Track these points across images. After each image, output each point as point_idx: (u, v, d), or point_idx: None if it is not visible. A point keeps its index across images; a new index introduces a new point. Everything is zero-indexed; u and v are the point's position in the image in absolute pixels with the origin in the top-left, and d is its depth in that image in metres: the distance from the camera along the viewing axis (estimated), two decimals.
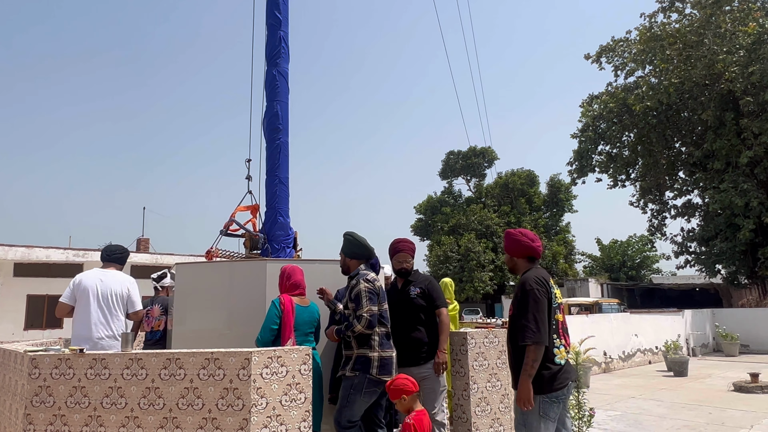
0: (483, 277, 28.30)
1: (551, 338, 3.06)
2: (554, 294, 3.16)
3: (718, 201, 17.41)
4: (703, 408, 7.43)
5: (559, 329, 3.12)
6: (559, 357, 3.07)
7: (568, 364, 3.13)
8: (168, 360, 3.29)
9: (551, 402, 3.02)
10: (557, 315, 3.14)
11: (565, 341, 3.13)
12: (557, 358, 3.06)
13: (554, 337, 3.08)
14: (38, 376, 3.43)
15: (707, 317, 16.13)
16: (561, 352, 3.08)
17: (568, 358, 3.13)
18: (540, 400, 3.02)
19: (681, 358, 10.96)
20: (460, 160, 35.44)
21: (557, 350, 3.07)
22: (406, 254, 4.17)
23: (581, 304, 19.88)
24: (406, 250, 4.19)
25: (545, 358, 3.03)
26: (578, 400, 5.28)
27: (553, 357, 3.06)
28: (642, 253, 36.49)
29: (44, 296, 19.15)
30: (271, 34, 5.69)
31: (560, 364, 3.05)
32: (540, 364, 3.00)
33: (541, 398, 3.02)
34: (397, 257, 4.17)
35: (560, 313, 3.16)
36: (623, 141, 21.75)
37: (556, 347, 3.07)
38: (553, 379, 3.02)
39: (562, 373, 3.05)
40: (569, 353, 3.17)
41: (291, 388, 3.32)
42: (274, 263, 4.51)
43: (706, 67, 17.37)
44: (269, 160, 5.48)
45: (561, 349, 3.08)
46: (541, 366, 3.02)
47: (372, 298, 3.62)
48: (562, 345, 3.10)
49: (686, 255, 21.20)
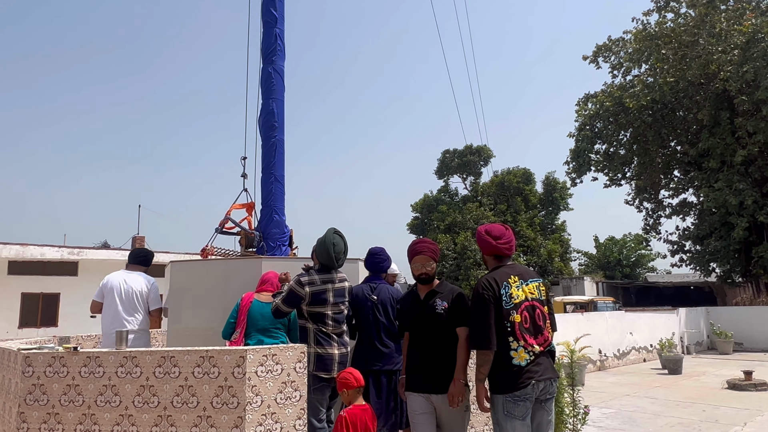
0: (479, 276, 28.35)
1: (506, 341, 3.00)
2: (509, 295, 3.07)
3: (712, 199, 17.49)
4: (697, 405, 7.47)
5: (516, 331, 3.02)
6: (517, 359, 2.99)
7: (534, 363, 3.02)
8: (163, 358, 3.28)
9: (514, 401, 2.98)
10: (513, 316, 3.03)
11: (525, 342, 3.02)
12: (515, 360, 2.99)
13: (510, 340, 3.00)
14: (32, 375, 3.41)
15: (702, 315, 16.21)
16: (520, 353, 2.99)
17: (532, 359, 3.01)
18: (503, 400, 3.02)
19: (675, 356, 11.02)
20: (455, 158, 35.46)
21: (514, 352, 3.00)
22: (426, 257, 3.43)
23: (577, 303, 19.94)
24: (427, 251, 3.46)
25: (501, 361, 3.01)
26: (573, 398, 5.31)
27: (510, 359, 2.99)
28: (637, 251, 36.65)
29: (39, 294, 19.05)
30: (267, 31, 5.68)
31: (519, 365, 2.98)
32: (497, 364, 3.01)
33: (504, 398, 3.02)
34: (416, 261, 3.46)
35: (518, 314, 3.05)
36: (619, 140, 21.82)
37: (513, 349, 3.00)
38: (511, 381, 2.98)
39: (524, 373, 2.97)
40: (533, 353, 3.02)
41: (286, 386, 3.32)
42: (269, 261, 4.51)
43: (701, 66, 17.43)
44: (265, 157, 5.47)
45: (519, 351, 3.00)
46: (498, 366, 3.02)
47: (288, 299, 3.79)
48: (521, 346, 3.00)
49: (681, 253, 21.30)
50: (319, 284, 3.82)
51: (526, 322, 3.08)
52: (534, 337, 3.08)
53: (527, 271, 3.29)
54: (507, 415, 3.00)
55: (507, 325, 3.03)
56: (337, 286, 3.93)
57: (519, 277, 3.18)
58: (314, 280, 3.83)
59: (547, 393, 3.08)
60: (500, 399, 3.03)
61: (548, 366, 3.11)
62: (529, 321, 3.10)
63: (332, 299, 3.86)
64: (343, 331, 3.93)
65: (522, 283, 3.17)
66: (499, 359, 3.02)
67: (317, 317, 3.81)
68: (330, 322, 3.83)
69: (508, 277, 3.15)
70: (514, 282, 3.14)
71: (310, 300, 3.78)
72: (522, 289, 3.14)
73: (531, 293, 3.17)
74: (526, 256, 31.56)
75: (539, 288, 3.24)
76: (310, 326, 3.82)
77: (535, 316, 3.14)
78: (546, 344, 3.12)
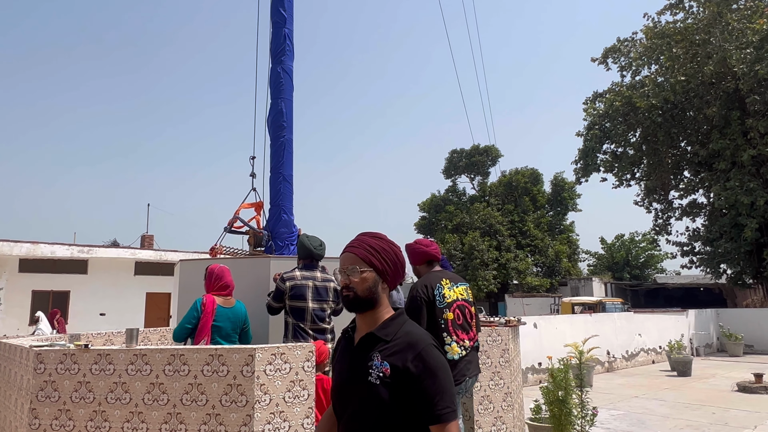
0: (487, 276, 28.28)
1: (440, 336, 3.23)
2: (442, 295, 3.35)
3: (724, 198, 17.33)
4: (707, 408, 7.41)
5: (449, 327, 3.30)
6: (451, 353, 3.24)
7: (464, 360, 3.28)
8: (172, 356, 3.30)
9: None
10: (446, 314, 3.31)
11: (457, 337, 3.30)
12: (448, 355, 3.22)
13: (444, 335, 3.26)
14: (44, 371, 3.45)
15: (711, 317, 16.08)
16: (453, 348, 3.27)
17: (464, 353, 3.28)
18: None
19: (684, 358, 10.93)
20: (463, 158, 35.37)
21: (448, 347, 3.26)
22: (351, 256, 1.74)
23: (585, 303, 19.85)
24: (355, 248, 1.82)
25: None
26: (581, 399, 5.28)
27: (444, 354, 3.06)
28: (647, 252, 36.39)
29: (49, 292, 19.24)
30: (276, 31, 5.70)
31: (453, 359, 3.22)
32: None
33: None
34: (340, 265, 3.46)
35: (450, 312, 3.34)
36: (628, 140, 21.67)
37: (447, 344, 3.27)
38: None
39: (457, 369, 3.21)
40: (465, 348, 3.31)
41: (294, 384, 3.33)
42: (277, 260, 4.53)
43: (714, 65, 17.27)
44: (273, 157, 5.49)
45: (453, 345, 3.27)
46: None
47: (275, 295, 4.04)
48: (454, 341, 3.29)
49: (691, 255, 21.12)
50: (299, 280, 4.03)
51: (459, 319, 3.41)
52: (465, 333, 3.41)
53: (456, 276, 3.63)
54: None
55: (441, 322, 3.31)
56: (320, 284, 4.09)
57: (450, 280, 3.50)
58: (295, 276, 4.04)
59: (471, 387, 3.48)
60: None
61: (475, 362, 3.47)
62: (462, 318, 3.43)
63: (312, 295, 4.02)
64: (324, 329, 4.05)
65: (453, 285, 3.50)
66: None
67: (296, 312, 3.98)
68: (308, 318, 3.98)
69: (440, 280, 3.45)
70: (446, 284, 3.46)
71: (289, 294, 3.97)
72: (453, 290, 3.47)
73: (461, 294, 3.50)
74: (533, 256, 31.44)
75: (467, 291, 3.59)
76: (290, 320, 4.01)
77: (465, 314, 3.47)
78: (474, 340, 3.48)
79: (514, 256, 29.88)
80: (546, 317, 11.82)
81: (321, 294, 4.07)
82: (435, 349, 1.57)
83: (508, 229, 31.04)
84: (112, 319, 19.74)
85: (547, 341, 10.09)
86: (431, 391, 1.49)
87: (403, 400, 1.52)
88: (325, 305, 4.08)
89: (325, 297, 4.10)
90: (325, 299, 4.09)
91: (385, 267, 1.66)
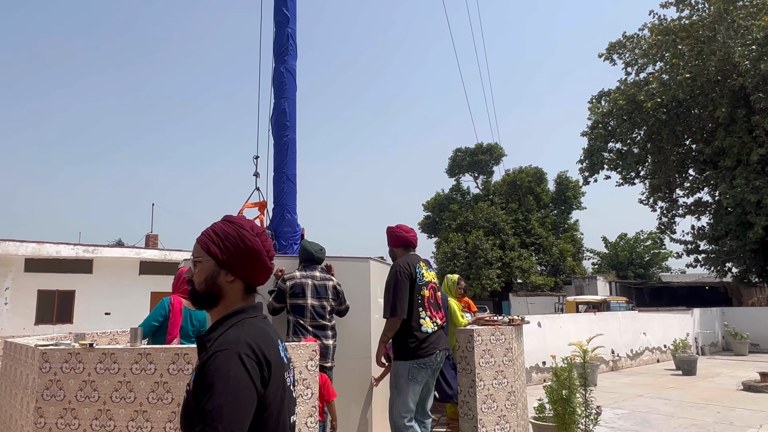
0: (490, 275, 28.23)
1: (416, 311, 3.64)
2: (421, 275, 3.77)
3: (731, 197, 17.24)
4: (712, 407, 7.39)
5: (425, 303, 3.69)
6: (425, 326, 3.61)
7: (435, 335, 3.65)
8: (176, 355, 3.32)
9: (419, 367, 3.54)
10: (423, 291, 3.72)
11: (431, 313, 3.69)
12: (423, 327, 3.60)
13: (420, 310, 3.65)
14: (49, 370, 3.47)
15: (716, 316, 16.01)
16: (426, 322, 3.63)
17: (435, 329, 3.67)
18: (409, 366, 3.55)
19: (689, 357, 10.89)
20: (467, 157, 35.31)
21: (423, 321, 3.62)
22: (196, 248, 2.38)
23: (589, 302, 19.79)
24: (200, 238, 2.60)
25: (411, 329, 3.60)
26: (585, 398, 5.27)
27: (419, 326, 3.60)
28: (651, 250, 36.23)
29: (54, 291, 19.33)
30: (279, 31, 5.70)
31: (427, 332, 3.59)
32: (407, 334, 3.59)
33: (410, 364, 3.56)
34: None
35: (427, 290, 3.76)
36: (633, 138, 21.58)
37: (422, 318, 3.63)
38: (419, 347, 3.55)
39: (429, 342, 3.56)
40: (436, 324, 3.70)
41: (298, 383, 3.34)
42: (281, 260, 4.54)
43: (719, 63, 17.17)
44: (277, 156, 5.49)
45: (427, 320, 3.64)
46: (407, 335, 3.59)
47: (277, 296, 4.14)
48: (428, 316, 3.65)
49: (696, 253, 21.02)
50: (298, 279, 4.15)
51: (432, 298, 3.80)
52: (436, 312, 3.79)
53: (427, 262, 4.01)
54: (410, 379, 3.55)
55: (419, 299, 3.71)
56: (319, 282, 4.19)
57: (425, 264, 3.92)
58: (294, 275, 4.18)
59: (439, 363, 3.73)
60: (407, 365, 3.56)
61: (444, 338, 3.77)
62: (434, 298, 3.84)
63: (311, 292, 4.12)
64: (324, 326, 4.11)
65: (427, 268, 3.91)
66: (408, 328, 3.61)
67: (297, 309, 4.08)
68: (308, 314, 4.07)
69: (418, 261, 3.87)
70: (423, 266, 3.88)
71: (290, 292, 4.10)
72: (428, 272, 3.89)
73: (432, 278, 3.92)
74: (538, 254, 31.38)
75: (435, 277, 4.02)
76: (290, 318, 4.11)
77: (436, 296, 3.88)
78: (443, 320, 3.86)
79: (518, 254, 29.82)
80: (550, 316, 11.79)
81: (320, 292, 4.17)
82: (228, 356, 1.21)
83: (512, 227, 30.99)
84: (116, 318, 19.81)
85: (551, 340, 10.07)
86: (200, 407, 1.17)
87: (191, 407, 1.22)
88: (324, 302, 4.15)
89: (324, 295, 4.17)
90: (324, 297, 4.16)
91: (227, 255, 1.39)
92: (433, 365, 3.59)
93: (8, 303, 18.56)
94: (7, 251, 18.08)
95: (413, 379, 3.53)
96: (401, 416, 3.57)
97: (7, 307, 18.53)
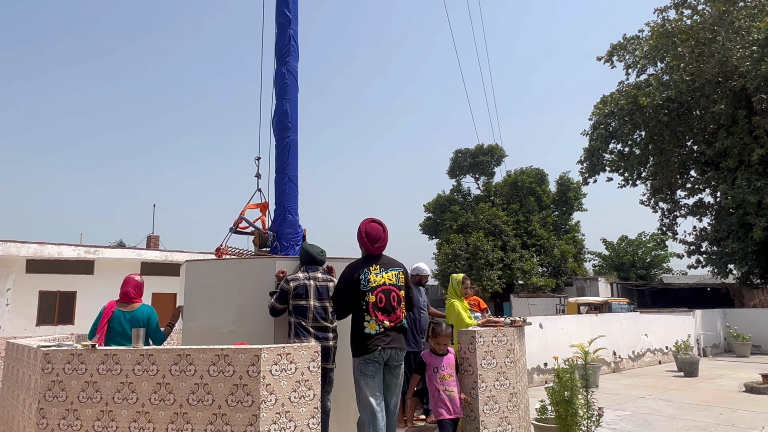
0: (491, 276, 28.19)
1: (361, 315, 3.92)
2: (367, 280, 3.97)
3: (731, 197, 17.22)
4: (714, 409, 7.37)
5: (369, 308, 3.92)
6: (369, 328, 3.88)
7: (383, 335, 3.89)
8: (179, 356, 3.32)
9: (365, 363, 3.85)
10: (368, 297, 3.93)
11: (375, 317, 3.91)
12: (366, 330, 3.89)
13: (364, 314, 3.92)
14: (51, 371, 3.47)
15: (718, 317, 15.98)
16: (370, 324, 3.89)
17: (381, 330, 3.89)
18: (358, 362, 3.90)
19: (691, 359, 10.87)
20: (468, 158, 35.26)
21: (366, 323, 3.90)
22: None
23: (591, 304, 19.76)
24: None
25: (356, 327, 3.95)
26: (587, 400, 5.26)
27: (363, 329, 3.90)
28: (652, 252, 36.16)
29: (56, 292, 19.34)
30: (281, 32, 5.71)
31: (369, 334, 3.87)
32: (354, 334, 3.95)
33: (358, 360, 3.90)
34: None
35: (373, 295, 3.94)
36: (634, 139, 21.55)
37: (366, 321, 3.90)
38: (362, 345, 3.87)
39: (373, 340, 3.85)
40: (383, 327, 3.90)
41: (300, 384, 3.34)
42: (283, 261, 4.54)
43: (719, 64, 17.16)
44: (278, 158, 5.50)
45: (371, 323, 3.90)
46: (354, 335, 3.95)
47: (279, 296, 4.15)
48: (372, 320, 3.90)
49: (698, 254, 20.99)
50: (301, 279, 4.18)
51: (381, 302, 3.95)
52: (386, 315, 3.95)
53: (391, 261, 4.16)
54: (361, 374, 3.87)
55: (362, 304, 3.94)
56: (321, 284, 4.23)
57: (381, 266, 4.05)
58: (297, 276, 4.21)
59: (394, 360, 3.97)
60: (356, 361, 3.93)
61: (396, 338, 3.96)
62: (384, 301, 3.96)
63: (314, 294, 4.15)
64: (326, 327, 4.14)
65: (382, 270, 4.04)
66: (355, 327, 3.96)
67: (299, 310, 4.10)
68: (310, 316, 4.10)
69: (369, 266, 4.03)
70: (374, 270, 4.02)
71: (293, 293, 4.12)
72: (381, 275, 4.01)
73: (390, 280, 4.03)
74: (539, 256, 31.33)
75: (398, 276, 4.10)
76: (292, 320, 4.12)
77: (390, 298, 3.99)
78: (397, 321, 3.99)
79: (519, 256, 29.78)
80: (552, 317, 11.77)
81: (322, 293, 4.19)
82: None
83: (513, 229, 30.94)
84: None
85: (553, 341, 10.05)
86: None
87: None
88: (326, 304, 4.19)
89: (326, 296, 4.21)
90: (326, 298, 4.20)
91: None
92: (378, 360, 3.86)
93: (9, 304, 18.57)
94: (9, 252, 18.10)
95: (363, 373, 3.86)
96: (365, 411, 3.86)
97: (9, 308, 18.53)
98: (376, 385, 3.87)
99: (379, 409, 3.82)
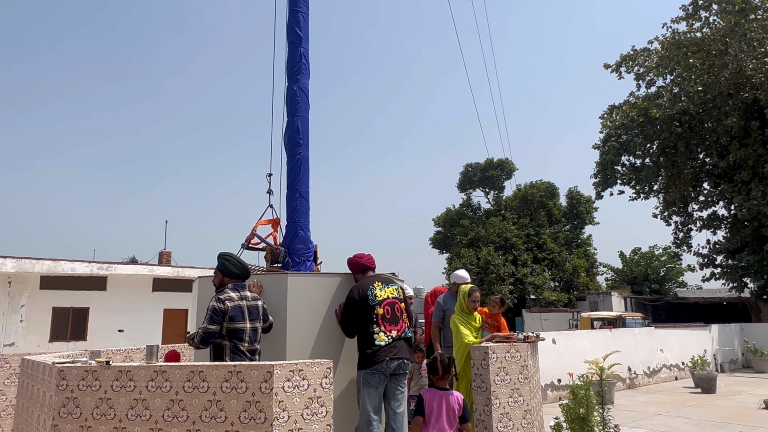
0: (503, 291, 27.97)
1: (370, 328, 4.05)
2: (374, 295, 4.14)
3: (746, 209, 17.03)
4: (733, 426, 7.21)
5: (379, 320, 4.08)
6: (378, 340, 4.03)
7: (391, 346, 4.04)
8: (191, 373, 3.32)
9: (372, 373, 3.98)
10: (377, 310, 4.09)
11: (384, 328, 4.08)
12: (376, 341, 4.02)
13: (374, 327, 4.06)
14: (66, 388, 3.49)
15: (735, 332, 15.69)
16: (380, 336, 4.04)
17: (390, 341, 4.04)
18: (363, 373, 4.01)
19: (709, 375, 10.67)
20: (478, 172, 35.25)
21: (376, 336, 4.04)
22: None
23: (604, 318, 19.51)
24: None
25: (365, 342, 4.06)
26: (603, 417, 5.18)
27: (373, 341, 4.03)
28: (666, 265, 35.69)
29: (69, 308, 19.49)
30: (292, 50, 5.78)
31: (379, 345, 4.00)
32: (363, 347, 4.05)
33: (364, 372, 4.01)
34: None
35: (381, 308, 4.12)
36: (646, 151, 21.44)
37: (375, 333, 4.04)
38: (372, 357, 3.99)
39: (381, 351, 3.99)
40: (391, 337, 4.06)
41: (312, 401, 3.32)
42: (295, 276, 4.54)
43: (731, 76, 17.09)
44: (290, 174, 5.53)
45: (380, 335, 4.05)
46: (363, 349, 4.05)
47: (214, 318, 3.82)
48: (381, 331, 4.06)
49: (712, 268, 20.70)
50: (236, 300, 3.95)
51: (388, 314, 4.15)
52: (393, 325, 4.14)
53: (389, 279, 4.44)
54: (365, 384, 3.98)
55: (372, 317, 4.09)
56: (251, 303, 4.02)
57: (381, 283, 4.28)
58: (231, 296, 3.96)
59: (400, 369, 4.11)
60: (361, 373, 4.04)
61: (402, 348, 4.13)
62: (390, 313, 4.17)
63: (248, 315, 3.95)
64: (256, 350, 3.98)
65: (384, 286, 4.26)
66: (364, 342, 4.06)
67: (234, 333, 3.87)
68: (246, 338, 3.90)
69: (372, 283, 4.24)
70: (378, 286, 4.24)
71: (229, 315, 3.86)
72: (384, 290, 4.24)
73: (391, 294, 4.26)
74: (550, 270, 31.06)
75: (398, 290, 4.36)
76: (226, 343, 3.88)
77: (394, 309, 4.21)
78: (401, 331, 4.19)
79: (530, 270, 29.55)
80: (565, 332, 11.63)
81: (253, 313, 4.00)
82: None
83: (524, 243, 30.75)
84: (129, 335, 19.89)
85: (567, 357, 9.92)
86: None
87: None
88: (257, 324, 4.00)
89: (256, 316, 4.02)
90: (256, 318, 4.01)
91: None
92: (384, 371, 3.98)
93: (24, 320, 18.74)
94: (23, 269, 18.31)
95: (367, 383, 3.97)
96: (362, 418, 3.96)
97: (23, 324, 18.70)
98: (378, 396, 4.01)
99: (376, 418, 3.94)
